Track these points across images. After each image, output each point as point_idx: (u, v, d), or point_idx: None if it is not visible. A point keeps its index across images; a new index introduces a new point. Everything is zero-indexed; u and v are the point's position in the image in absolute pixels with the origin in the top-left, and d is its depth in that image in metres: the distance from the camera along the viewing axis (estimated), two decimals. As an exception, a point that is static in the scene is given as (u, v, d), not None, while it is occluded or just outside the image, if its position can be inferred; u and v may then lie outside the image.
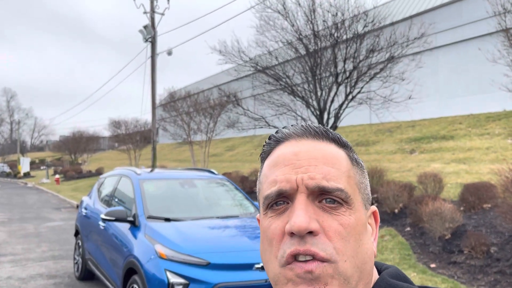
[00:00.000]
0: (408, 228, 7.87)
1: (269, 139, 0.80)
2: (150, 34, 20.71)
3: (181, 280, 4.03)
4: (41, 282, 6.60)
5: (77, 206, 17.67)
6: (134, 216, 4.95)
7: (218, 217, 5.14)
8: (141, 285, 4.27)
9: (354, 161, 0.78)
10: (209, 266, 4.10)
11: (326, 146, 0.75)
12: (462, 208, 7.65)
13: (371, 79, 10.49)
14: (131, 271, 4.59)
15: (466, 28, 18.13)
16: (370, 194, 0.79)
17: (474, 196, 7.74)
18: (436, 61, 19.00)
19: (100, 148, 44.29)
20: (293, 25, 10.93)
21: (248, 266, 4.16)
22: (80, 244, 6.81)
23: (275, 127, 11.52)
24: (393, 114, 12.45)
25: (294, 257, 0.68)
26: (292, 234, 0.68)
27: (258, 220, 0.80)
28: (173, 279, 4.04)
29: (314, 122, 9.64)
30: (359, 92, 10.64)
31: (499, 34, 9.71)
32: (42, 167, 51.40)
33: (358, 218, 0.72)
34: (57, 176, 30.53)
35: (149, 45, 21.26)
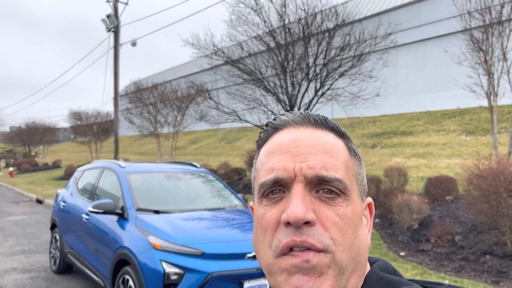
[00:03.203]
0: (377, 220, 8.29)
1: (266, 126, 0.78)
2: (113, 24, 20.27)
3: (177, 270, 4.15)
4: (17, 277, 6.48)
5: (37, 200, 17.14)
6: (122, 209, 5.00)
7: (205, 209, 5.27)
8: (134, 276, 4.35)
9: (352, 152, 0.77)
10: (203, 256, 4.23)
11: (325, 135, 0.73)
12: (426, 200, 8.15)
13: (340, 76, 10.86)
14: (122, 262, 4.65)
15: (424, 28, 18.98)
16: (366, 186, 0.78)
17: (438, 189, 8.28)
18: (396, 59, 19.77)
19: (55, 140, 42.81)
20: (265, 21, 11.11)
21: (240, 256, 4.34)
22: (57, 237, 6.72)
23: (246, 121, 11.71)
24: (360, 110, 12.93)
25: (290, 249, 0.67)
26: (288, 223, 0.67)
27: (252, 209, 0.79)
28: (169, 269, 4.15)
29: None
30: (328, 89, 10.99)
31: (459, 35, 10.33)
32: (-8, 159, 48.99)
33: (355, 209, 0.71)
34: (10, 168, 29.30)
35: (112, 35, 20.83)
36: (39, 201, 16.85)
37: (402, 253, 6.76)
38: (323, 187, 0.69)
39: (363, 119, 19.98)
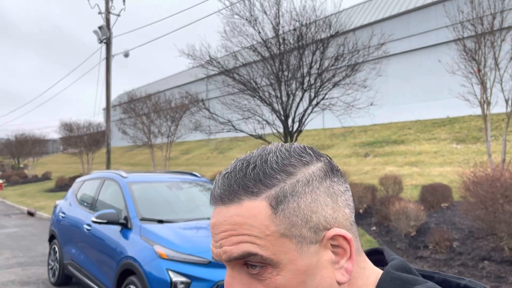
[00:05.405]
0: (374, 227, 8.36)
1: None
2: (105, 35, 20.31)
3: (184, 279, 4.17)
4: (16, 289, 6.42)
5: (28, 212, 16.93)
6: (125, 219, 5.00)
7: (208, 218, 5.29)
8: (140, 286, 4.34)
9: (283, 202, 0.70)
10: (210, 264, 4.26)
11: (236, 209, 0.70)
12: (422, 208, 8.25)
13: (334, 86, 10.99)
14: (127, 272, 4.65)
15: (413, 39, 19.34)
16: (323, 219, 0.71)
17: (433, 196, 8.39)
18: (386, 69, 20.06)
19: (45, 152, 42.38)
20: (259, 32, 11.23)
21: (246, 264, 4.36)
22: (56, 249, 6.68)
23: (241, 131, 11.76)
24: (354, 119, 13.09)
25: None
26: None
27: None
28: (176, 278, 4.16)
29: (280, 126, 9.81)
30: (323, 99, 11.11)
31: (451, 45, 10.57)
32: (-21, 172, 48.24)
33: (292, 272, 0.69)
34: (0, 181, 28.92)
35: (103, 46, 20.86)
36: (31, 214, 16.65)
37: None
38: (246, 263, 0.70)
39: (355, 128, 20.17)
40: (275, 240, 0.68)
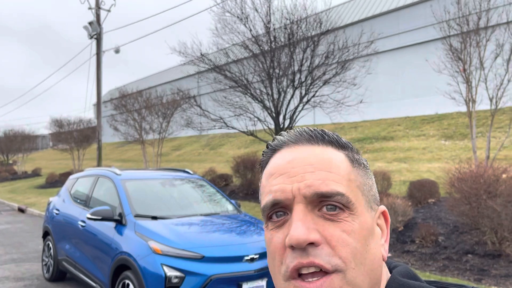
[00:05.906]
0: (363, 222, 8.56)
1: (266, 147, 0.77)
2: (96, 31, 20.27)
3: (178, 273, 4.29)
4: (10, 285, 6.49)
5: (19, 209, 16.91)
6: (120, 215, 5.11)
7: (201, 215, 5.43)
8: (135, 280, 4.47)
9: (355, 162, 0.74)
10: (203, 259, 4.39)
11: (323, 150, 0.72)
12: (410, 203, 8.46)
13: (324, 83, 11.15)
14: (122, 267, 4.76)
15: (402, 36, 19.56)
16: (376, 194, 0.76)
17: (420, 192, 8.60)
18: (376, 67, 20.27)
19: (34, 148, 42.07)
20: (250, 30, 11.34)
21: (239, 259, 4.51)
22: (50, 245, 6.76)
23: (233, 127, 11.88)
24: (344, 116, 13.28)
25: (298, 270, 0.66)
26: (292, 247, 0.66)
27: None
28: (170, 272, 4.29)
29: (271, 123, 9.96)
30: (313, 96, 11.27)
31: (438, 44, 10.78)
32: (-33, 168, 47.69)
33: (363, 223, 0.69)
34: (-11, 177, 28.75)
35: (94, 42, 20.81)
36: (21, 210, 16.64)
37: (388, 254, 7.02)
38: (325, 204, 0.67)
39: (345, 125, 20.38)
40: (354, 188, 0.71)
